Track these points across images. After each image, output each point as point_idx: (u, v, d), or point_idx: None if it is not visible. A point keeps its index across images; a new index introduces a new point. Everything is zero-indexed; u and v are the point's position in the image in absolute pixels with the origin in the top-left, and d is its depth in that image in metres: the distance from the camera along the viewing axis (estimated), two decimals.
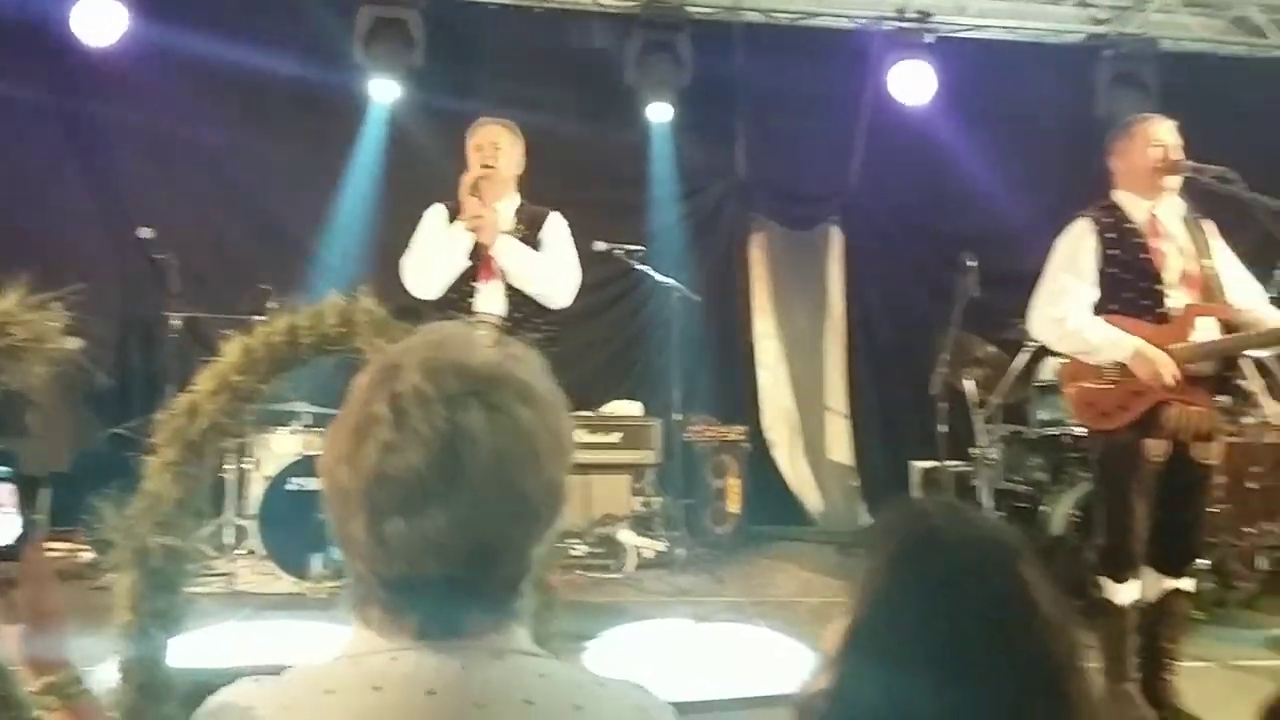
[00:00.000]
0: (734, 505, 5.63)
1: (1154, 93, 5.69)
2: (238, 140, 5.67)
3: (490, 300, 3.47)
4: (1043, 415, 5.22)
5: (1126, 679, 3.33)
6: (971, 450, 5.49)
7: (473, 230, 3.45)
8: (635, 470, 5.42)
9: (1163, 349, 3.13)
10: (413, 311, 3.03)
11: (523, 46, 5.77)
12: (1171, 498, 3.23)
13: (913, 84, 5.65)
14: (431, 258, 3.50)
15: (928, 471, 5.67)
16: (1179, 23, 5.97)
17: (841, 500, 6.35)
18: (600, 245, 5.05)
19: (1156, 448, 3.13)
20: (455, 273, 3.47)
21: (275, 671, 0.90)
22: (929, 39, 5.66)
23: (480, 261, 3.47)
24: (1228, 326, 3.18)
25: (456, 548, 0.81)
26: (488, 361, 0.87)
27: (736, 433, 5.66)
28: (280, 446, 4.67)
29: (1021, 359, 5.24)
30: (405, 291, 3.50)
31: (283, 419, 4.77)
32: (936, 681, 1.04)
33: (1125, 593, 3.28)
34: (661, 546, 5.08)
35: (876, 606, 1.11)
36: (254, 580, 4.41)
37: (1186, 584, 3.41)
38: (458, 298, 3.47)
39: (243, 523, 4.72)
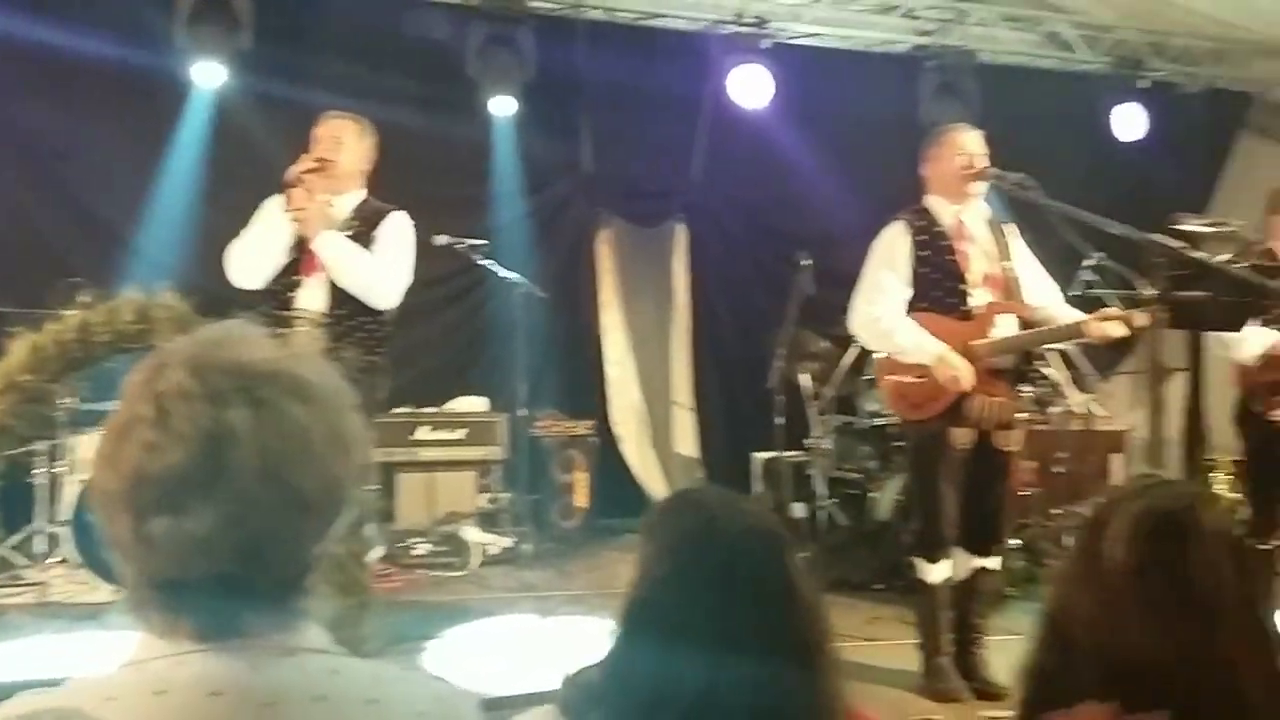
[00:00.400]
0: (582, 499, 5.67)
1: (973, 102, 6.03)
2: (50, 124, 5.30)
3: (312, 296, 3.36)
4: (871, 407, 5.48)
5: (941, 653, 3.56)
6: (807, 441, 5.72)
7: (296, 222, 3.35)
8: (481, 466, 5.39)
9: (966, 344, 3.38)
10: (226, 304, 2.90)
11: (358, 33, 5.61)
12: (977, 482, 3.48)
13: (751, 87, 5.82)
14: (254, 247, 3.38)
15: (767, 462, 5.86)
16: (996, 36, 6.36)
17: None
18: (441, 239, 4.99)
19: (962, 436, 3.37)
20: (276, 264, 3.36)
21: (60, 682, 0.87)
22: (766, 44, 5.83)
23: (304, 255, 3.37)
24: (1025, 323, 3.45)
25: (224, 546, 0.80)
26: (261, 359, 0.85)
27: (584, 427, 5.70)
28: (95, 449, 4.40)
29: (852, 353, 5.49)
30: (231, 283, 3.38)
31: (98, 419, 4.50)
32: (707, 657, 1.11)
33: (937, 572, 3.50)
34: (508, 542, 5.07)
35: (655, 588, 1.18)
36: (69, 590, 4.17)
37: (993, 563, 3.67)
38: (280, 290, 3.37)
39: (55, 530, 4.42)
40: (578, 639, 3.85)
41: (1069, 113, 6.28)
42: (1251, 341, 3.84)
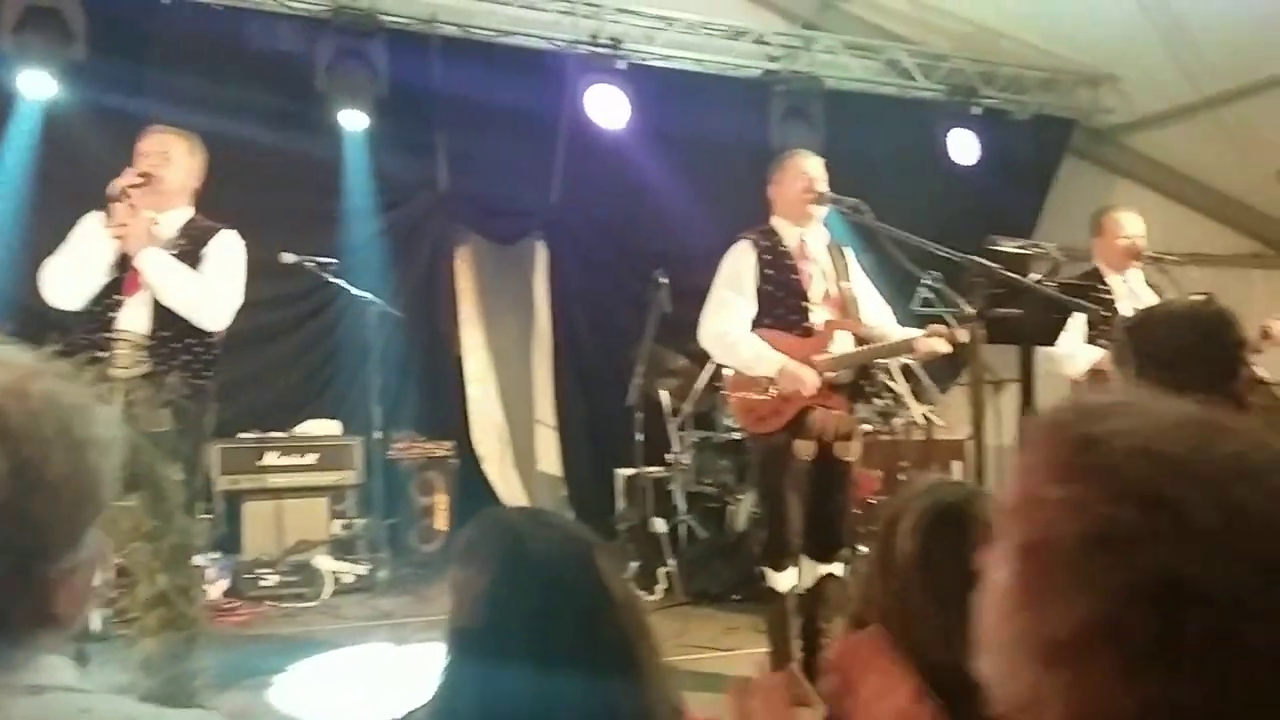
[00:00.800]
0: (442, 522, 5.58)
1: (820, 127, 6.27)
2: None
3: (134, 317, 3.18)
4: (729, 421, 5.60)
5: (790, 659, 3.67)
6: (668, 456, 5.80)
7: (118, 239, 3.19)
8: (334, 492, 5.23)
9: (807, 359, 3.52)
10: (50, 326, 2.74)
11: (200, 44, 5.39)
12: (820, 492, 3.62)
13: (607, 108, 5.88)
14: (71, 265, 3.20)
15: (629, 478, 5.90)
16: (841, 64, 6.63)
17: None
18: (289, 257, 4.86)
19: (804, 448, 3.51)
20: (96, 283, 3.19)
21: None
22: (621, 65, 5.91)
23: (126, 274, 3.22)
24: (860, 340, 3.62)
25: None
26: None
27: (444, 448, 5.61)
28: None
29: (709, 370, 5.59)
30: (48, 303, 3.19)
31: None
32: (532, 676, 1.13)
33: (784, 580, 3.63)
34: (362, 570, 4.93)
35: (473, 614, 1.17)
36: None
37: (838, 569, 3.82)
38: (100, 311, 3.19)
39: None
40: (433, 665, 3.78)
41: (910, 138, 6.57)
42: (1079, 358, 4.10)
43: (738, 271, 3.65)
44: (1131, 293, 4.36)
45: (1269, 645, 0.60)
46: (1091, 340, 4.09)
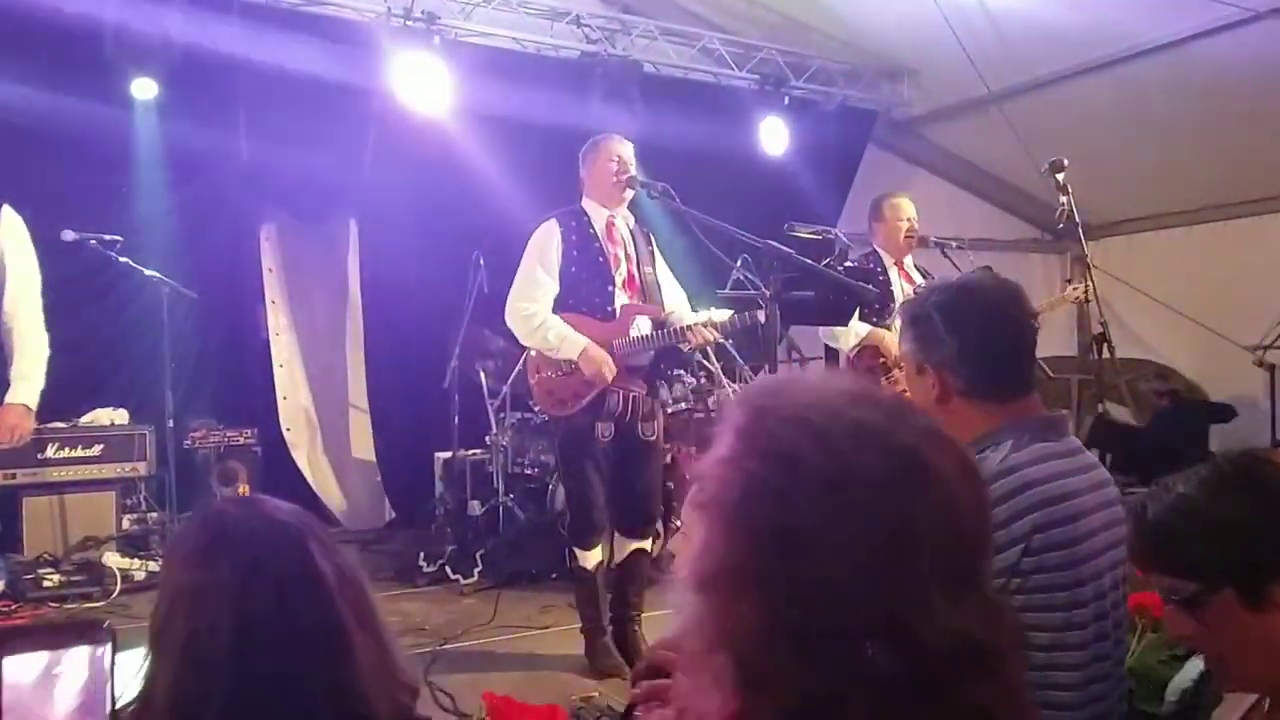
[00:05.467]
0: None
1: (638, 111, 6.33)
2: None
3: None
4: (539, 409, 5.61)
5: (601, 633, 3.75)
6: (486, 438, 5.77)
7: None
8: (123, 485, 4.91)
9: (608, 342, 3.60)
10: None
11: None
12: (625, 472, 3.72)
13: (423, 84, 5.73)
14: None
15: (446, 461, 5.83)
16: (659, 48, 6.71)
17: (366, 498, 6.30)
18: (70, 235, 4.54)
19: (605, 429, 3.59)
20: None
21: None
22: (436, 40, 5.77)
23: None
24: (658, 324, 3.72)
25: None
26: None
27: (245, 436, 5.36)
28: None
29: (529, 350, 5.59)
30: None
31: None
32: (231, 664, 1.09)
33: (591, 558, 3.71)
34: (155, 566, 4.66)
35: (174, 608, 1.13)
36: None
37: (647, 544, 3.93)
38: None
39: None
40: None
41: (724, 124, 6.72)
42: (848, 334, 4.36)
43: (543, 251, 3.69)
44: (905, 275, 4.66)
45: (851, 574, 0.74)
46: (864, 319, 4.36)
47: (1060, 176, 4.42)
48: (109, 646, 1.05)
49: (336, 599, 1.17)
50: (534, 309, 3.65)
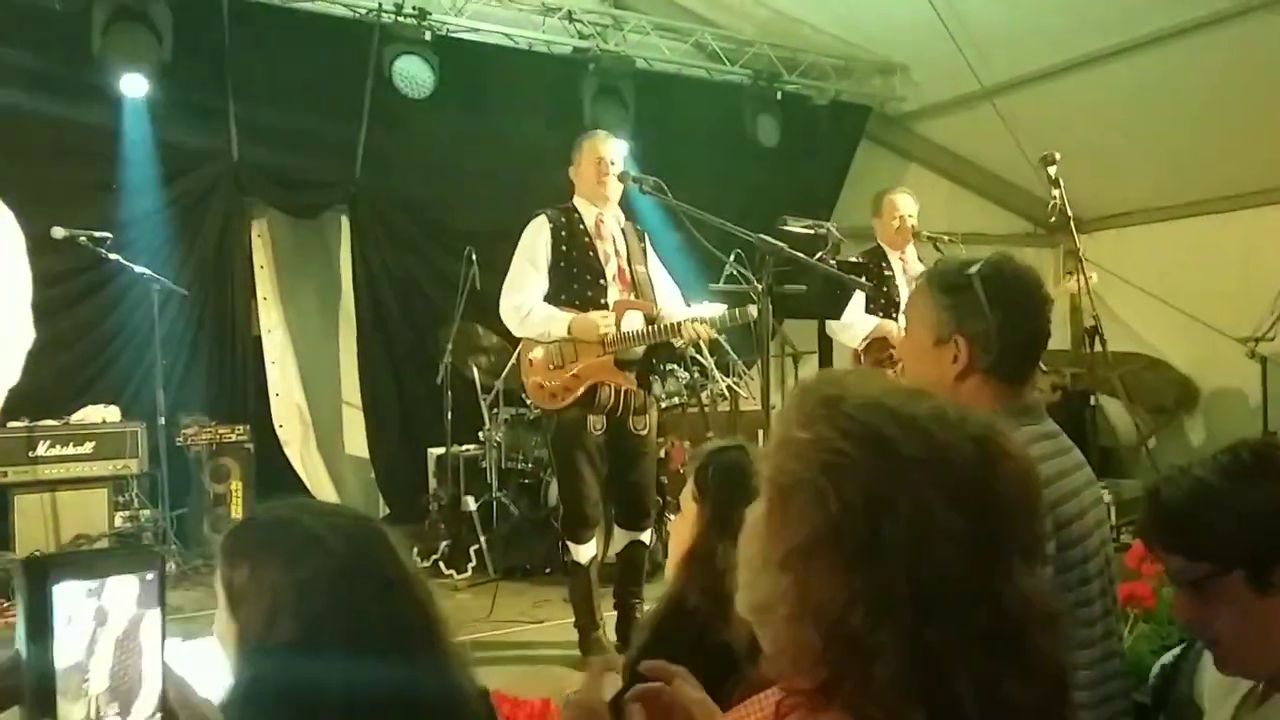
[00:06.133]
0: (238, 511, 5.31)
1: (631, 107, 6.32)
2: None
3: None
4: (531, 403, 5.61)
5: (595, 627, 3.77)
6: (480, 434, 5.76)
7: None
8: (115, 482, 4.90)
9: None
10: None
11: None
12: (619, 466, 3.75)
13: (414, 79, 5.71)
14: None
15: (440, 458, 5.82)
16: (651, 44, 6.70)
17: (360, 494, 6.29)
18: (60, 232, 4.53)
19: (596, 422, 3.62)
20: None
21: None
22: (427, 35, 5.75)
23: None
24: (650, 320, 3.73)
25: None
26: None
27: (237, 433, 5.34)
28: None
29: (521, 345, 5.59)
30: None
31: None
32: (340, 660, 1.13)
33: (585, 552, 3.74)
34: None
35: (275, 604, 1.15)
36: None
37: (644, 536, 3.96)
38: None
39: None
40: (222, 660, 3.61)
41: (717, 120, 6.73)
42: (858, 327, 4.36)
43: (533, 247, 3.74)
44: (908, 269, 4.68)
45: (946, 545, 0.78)
46: (871, 312, 4.37)
47: (1052, 170, 4.44)
48: (159, 570, 1.08)
49: (422, 591, 1.24)
50: (521, 300, 3.71)
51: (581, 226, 3.75)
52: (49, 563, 1.05)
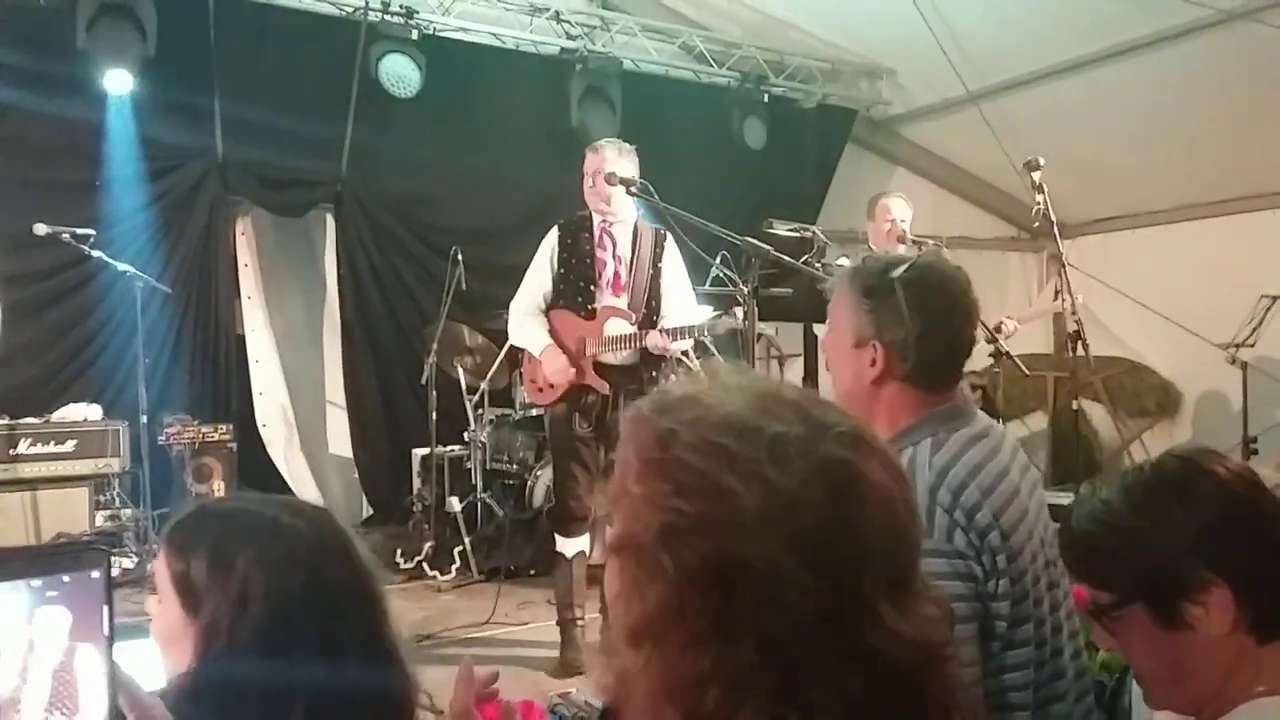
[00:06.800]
0: None
1: (618, 108, 6.32)
2: None
3: None
4: (526, 398, 5.61)
5: (575, 623, 3.81)
6: (465, 434, 5.75)
7: None
8: (96, 481, 4.86)
9: (583, 339, 3.74)
10: None
11: None
12: (610, 465, 3.78)
13: (400, 77, 5.69)
14: None
15: (425, 458, 5.81)
16: (639, 45, 6.70)
17: (342, 495, 6.27)
18: (42, 229, 4.50)
19: (582, 422, 3.70)
20: None
21: None
22: (415, 35, 5.74)
23: None
24: (641, 326, 3.77)
25: None
26: None
27: (220, 432, 5.31)
28: None
29: (506, 347, 5.58)
30: None
31: None
32: (304, 665, 1.12)
33: (571, 545, 3.80)
34: (129, 563, 4.62)
35: (245, 597, 1.14)
36: None
37: None
38: None
39: None
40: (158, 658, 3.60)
41: (704, 122, 6.73)
42: None
43: (542, 255, 3.85)
44: None
45: (803, 604, 0.69)
46: None
47: (1036, 175, 4.45)
48: (104, 569, 1.07)
49: (378, 583, 1.23)
50: (515, 308, 3.88)
51: (586, 234, 3.83)
52: None
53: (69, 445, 4.78)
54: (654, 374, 3.82)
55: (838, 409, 0.79)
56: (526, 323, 3.82)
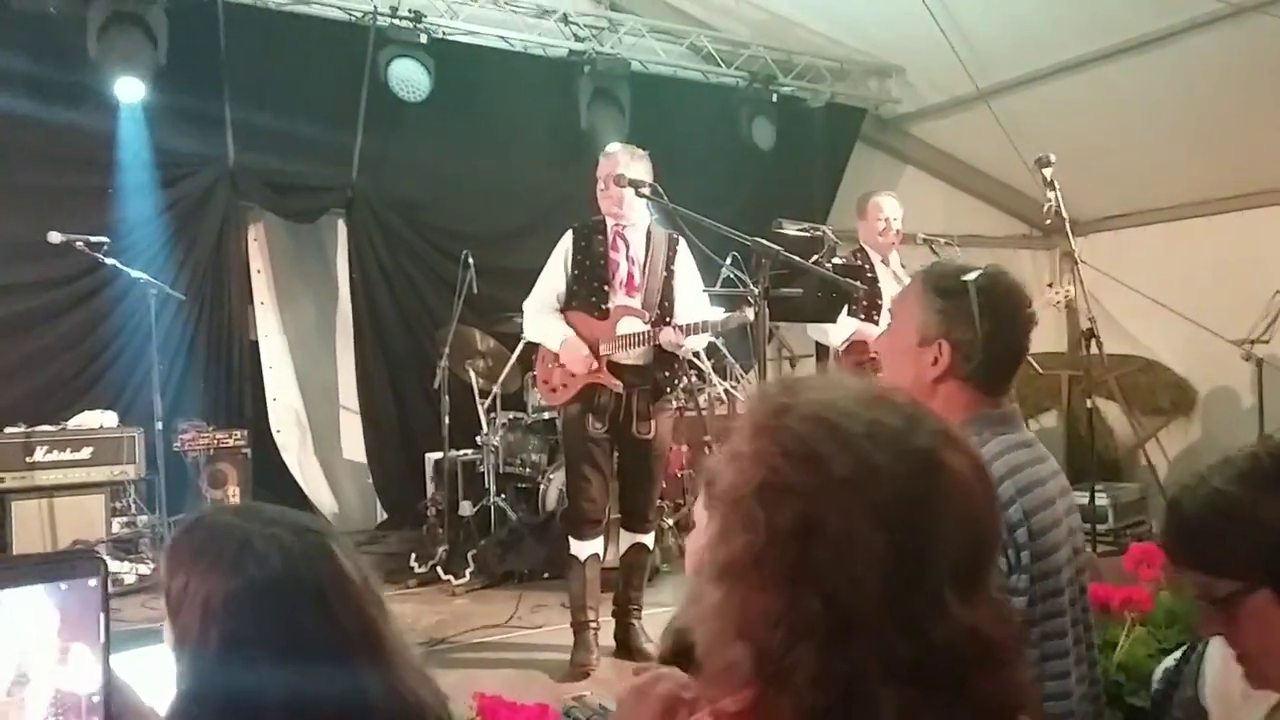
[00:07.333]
0: None
1: (626, 109, 6.33)
2: None
3: None
4: (539, 401, 5.62)
5: (588, 626, 3.81)
6: (478, 438, 5.75)
7: None
8: (112, 488, 4.89)
9: (595, 339, 3.73)
10: None
11: None
12: (624, 468, 3.85)
13: (409, 81, 5.71)
14: None
15: (438, 462, 5.82)
16: (647, 46, 6.70)
17: (357, 499, 6.29)
18: (56, 236, 4.53)
19: (595, 422, 3.71)
20: None
21: None
22: (423, 39, 5.75)
23: None
24: (653, 325, 3.77)
25: None
26: None
27: (234, 438, 5.33)
28: None
29: (518, 350, 5.59)
30: None
31: None
32: (281, 664, 1.12)
33: (584, 548, 3.80)
34: (145, 569, 4.64)
35: (206, 615, 1.14)
36: None
37: (646, 539, 4.01)
38: None
39: None
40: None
41: (713, 122, 6.73)
42: (837, 330, 4.39)
43: (555, 256, 3.87)
44: (892, 272, 4.69)
45: (870, 569, 0.76)
46: (853, 314, 4.39)
47: (1047, 172, 4.44)
48: (101, 577, 1.08)
49: (368, 600, 1.21)
50: (530, 306, 3.89)
51: (600, 237, 3.85)
52: None
53: (85, 452, 4.82)
54: (667, 374, 3.82)
55: (937, 414, 0.87)
56: (542, 317, 3.83)
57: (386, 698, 1.18)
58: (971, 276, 1.74)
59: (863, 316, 4.54)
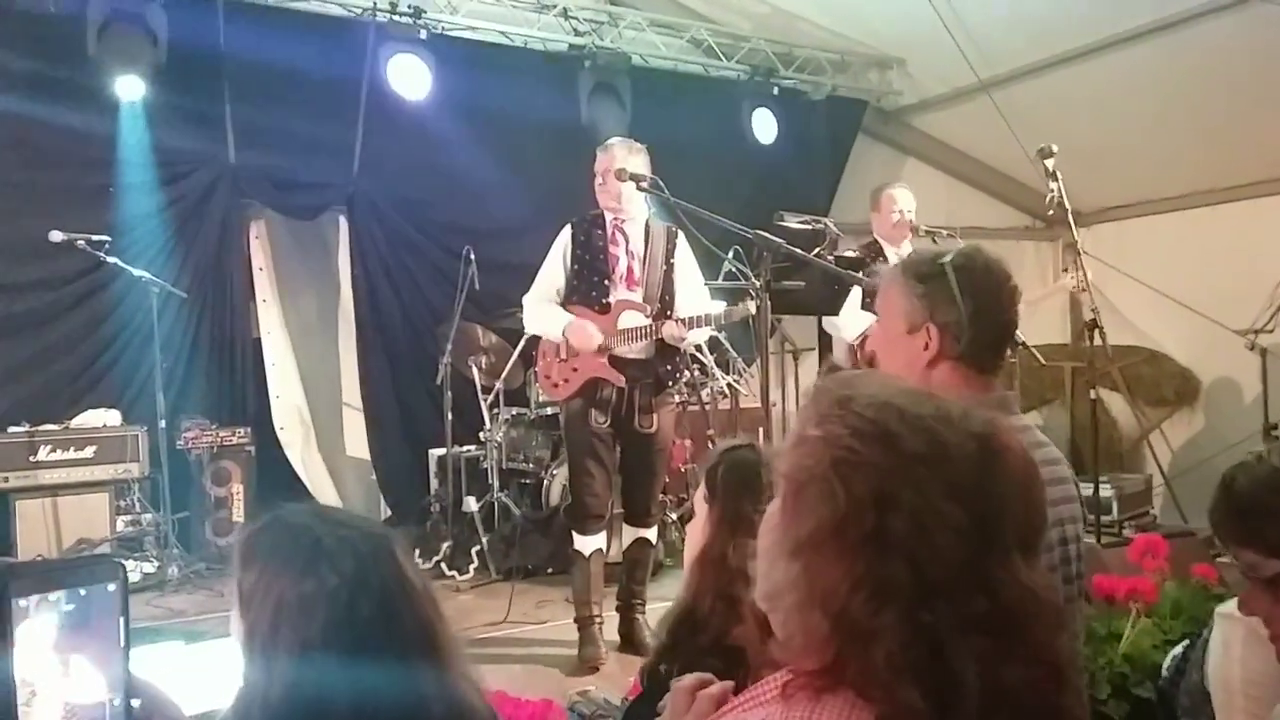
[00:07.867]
0: (240, 514, 5.32)
1: (628, 104, 6.31)
2: None
3: None
4: (542, 396, 5.62)
5: (592, 620, 3.82)
6: (481, 434, 5.75)
7: None
8: (116, 487, 4.90)
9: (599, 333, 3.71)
10: None
11: None
12: (627, 463, 3.84)
13: (410, 78, 5.70)
14: None
15: (441, 458, 5.82)
16: (647, 40, 6.68)
17: (361, 496, 6.29)
18: (58, 235, 4.53)
19: (598, 417, 3.70)
20: None
21: None
22: (423, 34, 5.74)
23: None
24: (655, 319, 3.77)
25: None
26: None
27: (238, 436, 5.33)
28: None
29: (521, 346, 5.59)
30: None
31: None
32: (342, 666, 1.15)
33: (588, 543, 3.81)
34: (150, 568, 4.65)
35: (278, 618, 1.17)
36: None
37: (649, 533, 4.01)
38: None
39: None
40: (226, 664, 3.61)
41: (714, 116, 6.71)
42: (852, 324, 4.37)
43: (555, 252, 3.87)
44: None
45: (951, 537, 0.83)
46: (867, 308, 4.37)
47: (1050, 163, 4.42)
48: (120, 581, 1.09)
49: (427, 603, 1.25)
50: (530, 299, 3.89)
51: (599, 231, 3.85)
52: (8, 573, 1.05)
53: (88, 451, 4.82)
54: (669, 367, 3.82)
55: (982, 409, 0.94)
56: (542, 308, 3.83)
57: (443, 701, 1.21)
58: (947, 258, 1.75)
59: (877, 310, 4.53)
